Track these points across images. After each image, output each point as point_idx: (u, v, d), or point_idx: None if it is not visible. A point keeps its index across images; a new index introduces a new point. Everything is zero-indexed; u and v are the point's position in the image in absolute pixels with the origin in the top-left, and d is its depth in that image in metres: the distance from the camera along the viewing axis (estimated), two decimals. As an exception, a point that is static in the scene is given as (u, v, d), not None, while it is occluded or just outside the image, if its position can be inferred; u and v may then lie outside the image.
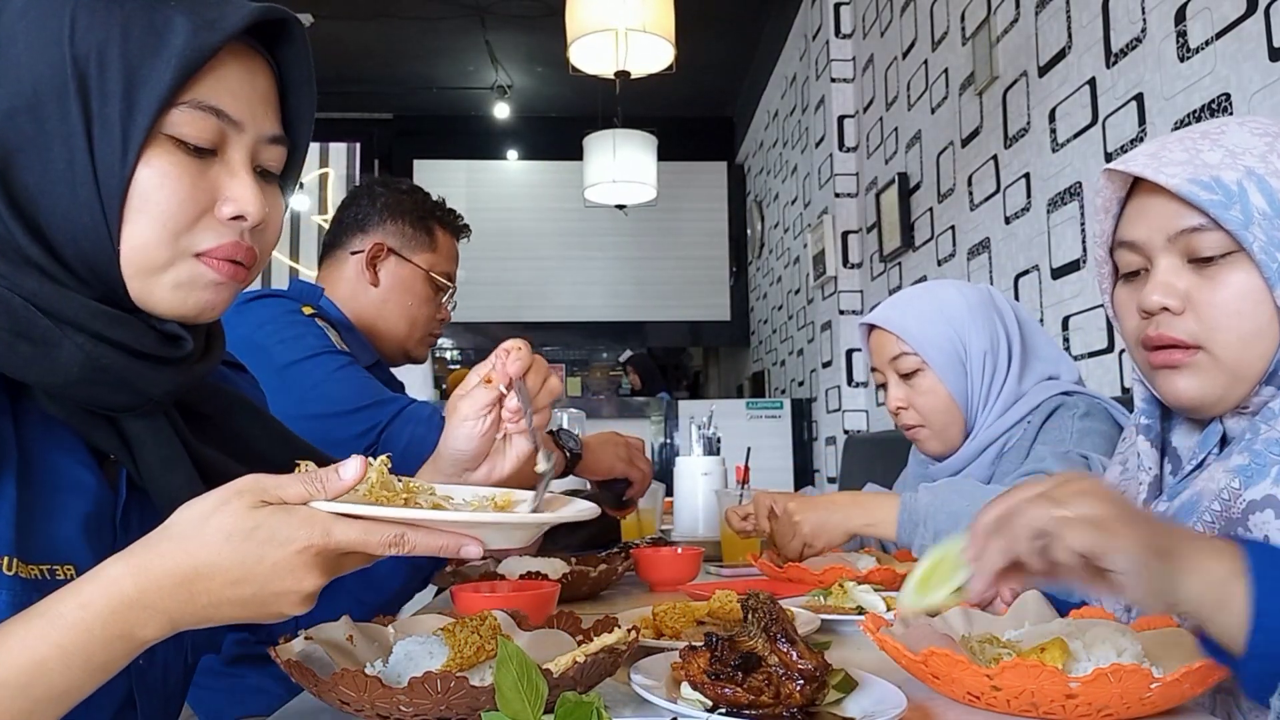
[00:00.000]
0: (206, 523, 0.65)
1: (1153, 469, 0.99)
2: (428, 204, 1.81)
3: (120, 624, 0.63)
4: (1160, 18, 2.12)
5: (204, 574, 0.64)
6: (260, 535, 0.64)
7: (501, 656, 0.67)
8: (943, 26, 3.47)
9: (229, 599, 0.65)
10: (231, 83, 0.74)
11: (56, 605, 0.63)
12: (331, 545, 0.66)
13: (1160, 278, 0.90)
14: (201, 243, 0.74)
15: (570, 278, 7.71)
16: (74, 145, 0.69)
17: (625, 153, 4.80)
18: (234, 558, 0.64)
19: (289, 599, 0.67)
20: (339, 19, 6.07)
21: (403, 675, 0.79)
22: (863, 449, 3.42)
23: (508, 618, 0.90)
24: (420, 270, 1.76)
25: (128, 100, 0.69)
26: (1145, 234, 0.91)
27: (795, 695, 0.74)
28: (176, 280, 0.74)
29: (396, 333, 1.76)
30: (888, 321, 1.53)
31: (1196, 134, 0.91)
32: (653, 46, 3.38)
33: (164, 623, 0.65)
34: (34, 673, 0.61)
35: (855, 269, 4.48)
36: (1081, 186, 2.48)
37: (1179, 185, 0.86)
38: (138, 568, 0.64)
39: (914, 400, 1.52)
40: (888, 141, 4.09)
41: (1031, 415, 1.49)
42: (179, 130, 0.71)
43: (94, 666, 0.63)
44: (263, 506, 0.65)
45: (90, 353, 0.70)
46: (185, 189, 0.72)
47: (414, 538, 0.68)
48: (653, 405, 5.60)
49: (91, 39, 0.69)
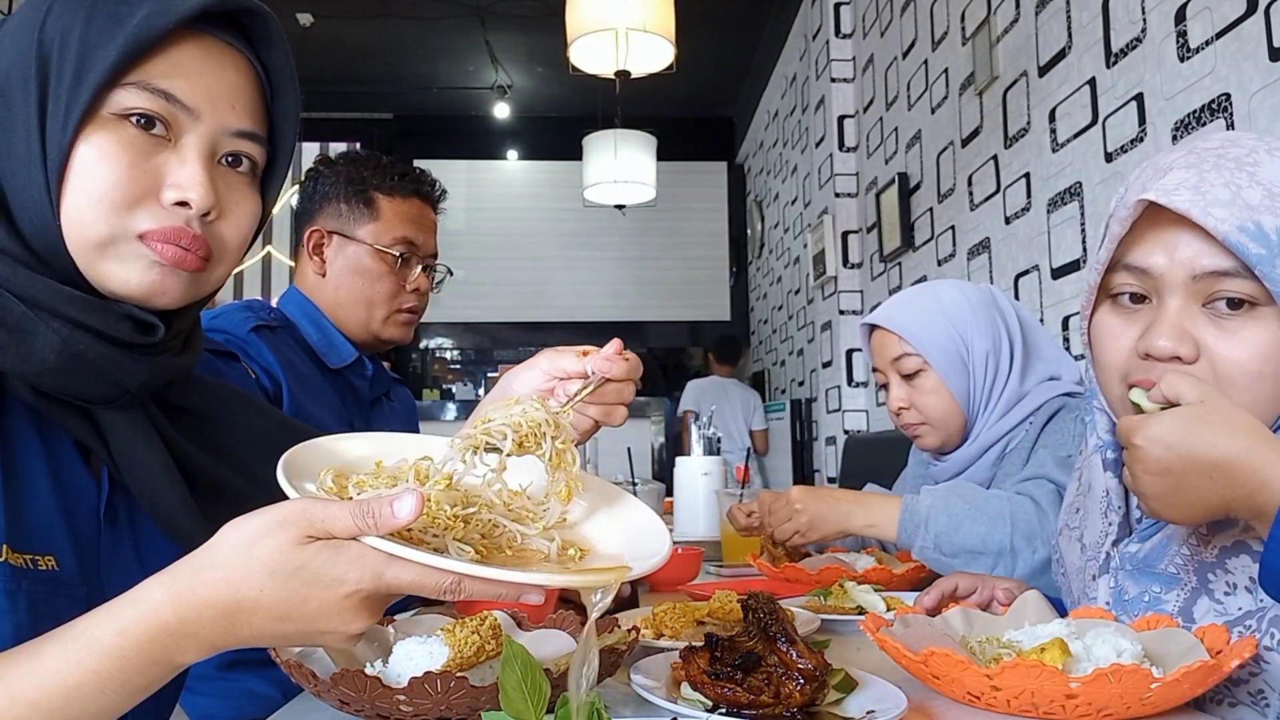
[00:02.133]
0: (250, 554, 0.61)
1: (1120, 507, 0.92)
2: (363, 172, 1.62)
3: (159, 651, 0.62)
4: (1160, 18, 2.12)
5: (246, 609, 0.61)
6: (305, 575, 0.61)
7: (506, 655, 0.67)
8: (943, 26, 3.47)
9: (271, 633, 0.63)
10: (188, 69, 0.74)
11: (92, 629, 0.61)
12: (382, 589, 0.62)
13: (1173, 319, 0.82)
14: (142, 223, 0.73)
15: (570, 278, 7.71)
16: (30, 126, 0.70)
17: (625, 153, 4.80)
18: (278, 595, 0.61)
19: (333, 638, 0.64)
20: (339, 18, 6.08)
21: (403, 675, 0.79)
22: (863, 449, 3.42)
23: (508, 618, 0.90)
24: (364, 245, 1.59)
25: (75, 80, 0.70)
26: (1165, 266, 0.83)
27: (795, 695, 0.74)
28: (119, 257, 0.73)
29: (357, 319, 1.61)
30: (889, 321, 1.52)
31: (1231, 163, 0.82)
32: (653, 46, 3.38)
33: (204, 649, 0.63)
34: (67, 698, 0.60)
35: (855, 269, 4.47)
36: (1081, 187, 2.48)
37: (1229, 234, 0.78)
38: (178, 596, 0.61)
39: (916, 400, 1.52)
40: (888, 141, 4.10)
41: (1033, 416, 1.48)
42: (123, 106, 0.71)
43: (130, 690, 0.62)
44: (309, 543, 0.61)
45: (66, 338, 0.70)
46: (123, 166, 0.72)
47: (471, 586, 0.62)
48: (653, 405, 5.60)
49: (58, 25, 0.71)
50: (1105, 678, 0.71)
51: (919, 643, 0.81)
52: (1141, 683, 0.71)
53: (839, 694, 0.78)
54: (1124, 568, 0.91)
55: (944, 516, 1.33)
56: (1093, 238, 2.44)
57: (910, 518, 1.35)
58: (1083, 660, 0.79)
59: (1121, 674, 0.71)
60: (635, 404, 6.07)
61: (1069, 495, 1.06)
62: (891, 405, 1.55)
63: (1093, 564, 0.95)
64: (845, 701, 0.78)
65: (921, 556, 1.36)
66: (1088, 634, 0.82)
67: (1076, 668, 0.78)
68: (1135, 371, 0.85)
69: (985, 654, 0.86)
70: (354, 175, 1.61)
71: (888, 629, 0.86)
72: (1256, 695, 0.79)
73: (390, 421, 1.72)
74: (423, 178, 1.67)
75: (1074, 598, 1.00)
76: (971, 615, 0.94)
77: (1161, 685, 0.71)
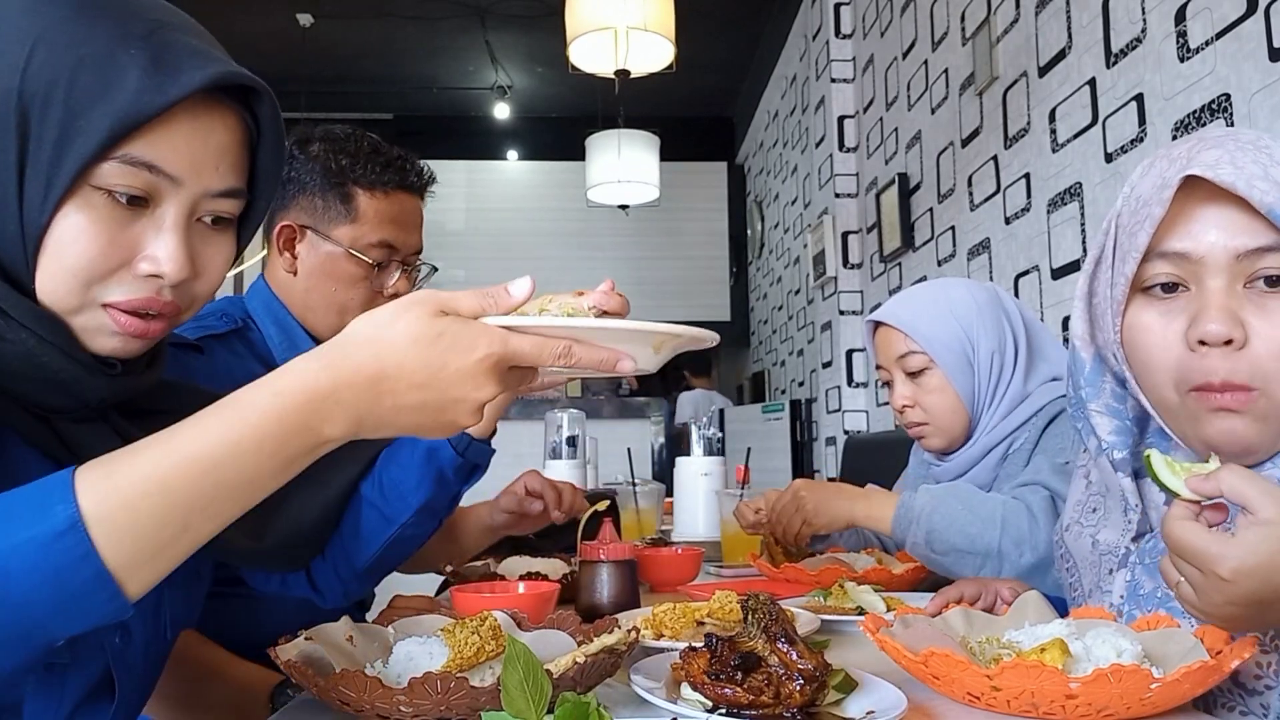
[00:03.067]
0: (391, 328, 0.66)
1: (1138, 505, 0.91)
2: (340, 163, 1.44)
3: (312, 414, 0.65)
4: (1160, 18, 2.12)
5: (391, 375, 0.66)
6: (444, 342, 0.66)
7: (509, 655, 0.67)
8: (943, 26, 3.47)
9: (411, 403, 0.67)
10: (177, 140, 0.72)
11: (250, 394, 0.65)
12: (509, 355, 0.68)
13: (1221, 301, 0.79)
14: (110, 294, 0.72)
15: (570, 278, 7.67)
16: (5, 181, 0.68)
17: (629, 152, 4.81)
18: (420, 360, 0.66)
19: (465, 406, 0.68)
20: (338, 19, 6.08)
21: (403, 675, 0.79)
22: (863, 449, 3.42)
23: (507, 618, 0.90)
24: (340, 248, 1.43)
25: (58, 148, 0.68)
26: (1206, 248, 0.80)
27: (795, 695, 0.74)
28: (84, 326, 0.73)
29: (328, 323, 1.46)
30: (896, 319, 1.52)
31: (1250, 146, 0.82)
32: (653, 45, 3.38)
33: (350, 420, 0.66)
34: (226, 452, 0.62)
35: (855, 269, 4.48)
36: (1081, 187, 2.48)
37: (1274, 206, 0.76)
38: (331, 363, 0.66)
39: (920, 399, 1.51)
40: (888, 142, 4.10)
41: (1035, 417, 1.48)
42: (107, 182, 0.70)
43: (280, 458, 0.65)
44: (442, 315, 0.67)
45: (32, 349, 0.70)
46: (102, 244, 0.71)
47: (579, 350, 0.70)
48: (653, 405, 5.61)
49: (42, 78, 0.68)
50: (1105, 678, 0.71)
51: (919, 643, 0.81)
52: (1142, 683, 0.71)
53: (839, 694, 0.78)
54: (1142, 562, 0.91)
55: (937, 515, 1.34)
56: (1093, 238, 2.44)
57: (905, 513, 1.37)
58: (1083, 660, 0.79)
59: (1121, 674, 0.71)
60: (635, 404, 6.08)
61: (1078, 494, 1.06)
62: (895, 403, 1.55)
63: (1109, 559, 0.96)
64: (845, 702, 0.78)
65: (913, 552, 1.39)
66: (1088, 634, 0.82)
67: (1076, 668, 0.78)
68: (1192, 371, 0.81)
69: (985, 654, 0.86)
70: (331, 165, 1.43)
71: (887, 629, 0.87)
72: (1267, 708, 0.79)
73: None
74: (408, 167, 1.50)
75: (1083, 591, 1.00)
76: (972, 615, 0.94)
77: (1162, 685, 0.71)
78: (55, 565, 0.58)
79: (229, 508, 0.64)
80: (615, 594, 1.23)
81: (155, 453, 0.62)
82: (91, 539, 0.58)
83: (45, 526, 0.58)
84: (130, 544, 0.60)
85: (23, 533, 0.57)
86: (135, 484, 0.60)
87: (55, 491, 0.59)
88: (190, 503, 0.62)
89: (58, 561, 0.58)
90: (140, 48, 0.70)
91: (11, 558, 0.57)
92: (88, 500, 0.59)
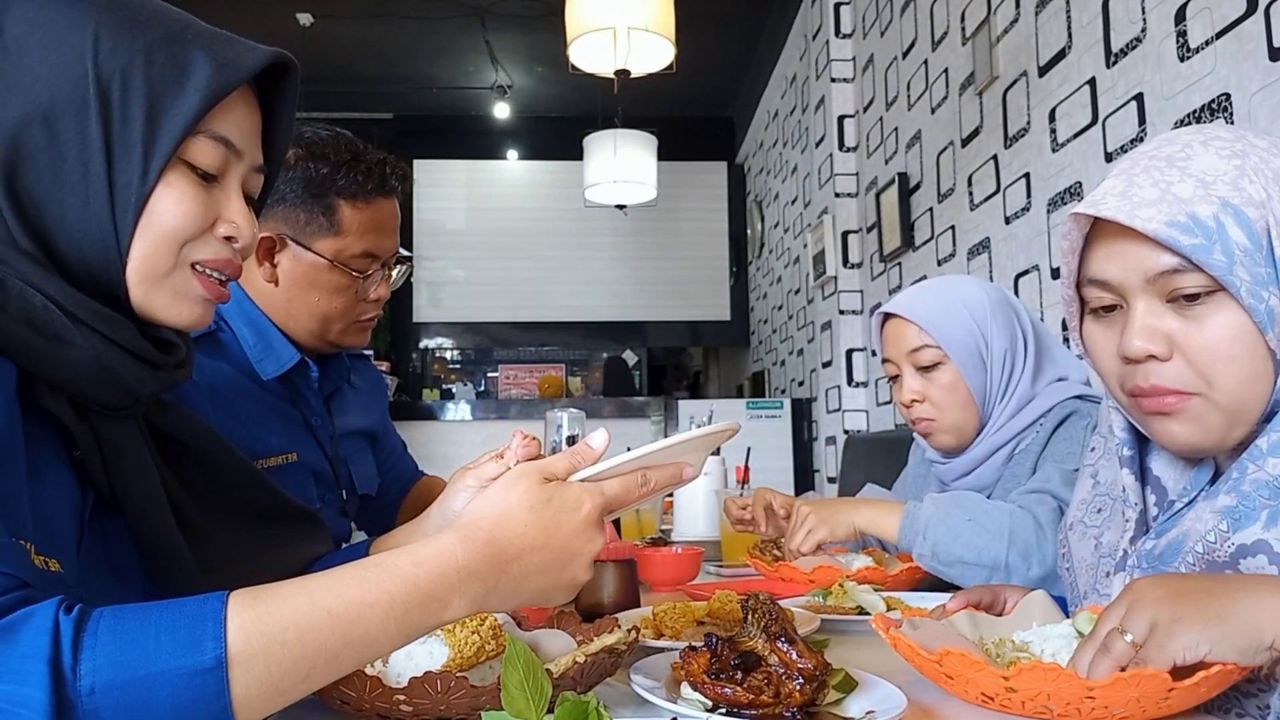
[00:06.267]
0: (507, 500, 0.74)
1: (1138, 504, 0.94)
2: (321, 173, 1.41)
3: (442, 587, 0.68)
4: (1160, 18, 2.12)
5: (515, 542, 0.72)
6: (554, 505, 0.75)
7: (509, 655, 0.67)
8: (943, 26, 3.47)
9: (534, 566, 0.73)
10: (238, 116, 0.81)
11: (392, 559, 0.68)
12: (608, 502, 0.78)
13: (1141, 321, 0.85)
14: (199, 253, 0.80)
15: (570, 278, 7.71)
16: (90, 159, 0.73)
17: (626, 152, 4.80)
18: (537, 525, 0.73)
19: (582, 560, 0.76)
20: (339, 18, 6.07)
21: (403, 675, 0.79)
22: (863, 449, 3.42)
23: (508, 618, 0.90)
24: (323, 260, 1.42)
25: (150, 125, 0.74)
26: (1120, 275, 0.86)
27: (795, 695, 0.74)
28: (175, 289, 0.79)
29: (310, 330, 1.46)
30: (911, 311, 1.49)
31: (1162, 161, 0.85)
32: (653, 45, 3.37)
33: (477, 595, 0.70)
34: (360, 612, 0.65)
35: (855, 269, 4.48)
36: (1081, 187, 2.48)
37: (1158, 230, 0.80)
38: (466, 538, 0.71)
39: (931, 394, 1.48)
40: (888, 141, 4.10)
41: (1043, 419, 1.46)
42: (194, 157, 0.78)
43: (405, 625, 0.67)
44: (546, 482, 0.76)
45: (100, 352, 0.74)
46: (197, 209, 0.78)
47: (653, 475, 0.81)
48: (653, 405, 5.61)
49: (116, 61, 0.73)
50: (1125, 682, 0.70)
51: (933, 643, 0.81)
52: (1160, 687, 0.70)
53: (839, 694, 0.78)
54: (1140, 565, 0.91)
55: (943, 526, 1.32)
56: (1093, 238, 2.43)
57: (911, 524, 1.36)
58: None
59: (1141, 678, 0.70)
60: (635, 404, 6.06)
61: (1084, 492, 1.06)
62: (904, 398, 1.51)
63: (1108, 561, 0.96)
64: (845, 701, 0.78)
65: (920, 562, 1.37)
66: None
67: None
68: (1126, 377, 0.88)
69: (1004, 656, 0.86)
70: (313, 175, 1.41)
71: (896, 629, 0.86)
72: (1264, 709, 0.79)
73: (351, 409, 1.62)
74: (388, 172, 1.48)
75: (1080, 593, 1.00)
76: (977, 618, 0.94)
77: (1179, 690, 0.70)
78: (191, 698, 0.59)
79: (348, 665, 0.66)
80: (615, 594, 1.23)
81: (299, 602, 0.64)
82: (229, 680, 0.60)
83: (193, 660, 0.59)
84: (257, 689, 0.61)
85: (173, 661, 0.59)
86: (277, 632, 0.62)
87: (208, 624, 0.60)
88: (318, 655, 0.64)
89: (194, 695, 0.59)
90: (192, 35, 0.78)
91: (157, 684, 0.58)
92: (235, 640, 0.60)
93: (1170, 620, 0.71)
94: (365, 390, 1.69)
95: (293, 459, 1.43)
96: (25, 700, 0.55)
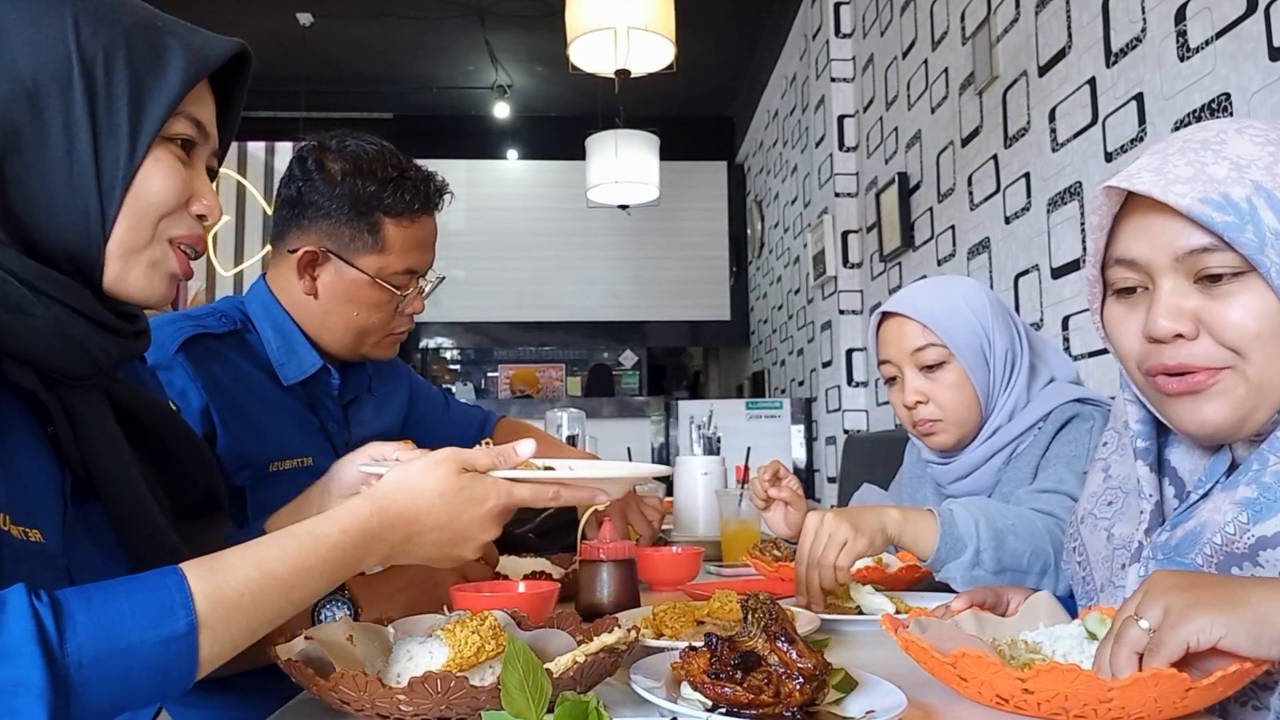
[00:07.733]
0: (424, 481, 0.85)
1: (1154, 495, 0.94)
2: (369, 190, 1.41)
3: (361, 549, 0.81)
4: (1160, 17, 2.12)
5: (421, 519, 0.85)
6: (463, 495, 0.87)
7: (509, 654, 0.67)
8: (943, 26, 3.47)
9: (431, 541, 0.86)
10: (205, 98, 0.85)
11: (319, 528, 0.79)
12: (512, 504, 0.90)
13: (1167, 300, 0.84)
14: (175, 229, 0.83)
15: (570, 278, 7.71)
16: (75, 137, 0.75)
17: (628, 152, 4.80)
18: (443, 509, 0.85)
19: (472, 544, 0.89)
20: (339, 18, 6.07)
21: (403, 675, 0.79)
22: (863, 449, 3.42)
23: (507, 618, 0.90)
24: (365, 276, 1.43)
25: (135, 103, 0.77)
26: (1148, 252, 0.86)
27: (795, 694, 0.74)
28: (151, 260, 0.82)
29: (344, 343, 1.48)
30: (914, 310, 1.46)
31: (1197, 143, 0.86)
32: (653, 45, 3.37)
33: (384, 555, 0.84)
34: (300, 576, 0.75)
35: (855, 269, 4.48)
36: (1081, 186, 2.48)
37: (1190, 206, 0.81)
38: (381, 508, 0.83)
39: (935, 393, 1.45)
40: (888, 141, 4.10)
41: (1043, 422, 1.44)
42: (175, 133, 0.81)
43: (331, 583, 0.79)
44: (463, 472, 0.87)
45: (62, 321, 0.75)
46: (177, 185, 0.82)
47: (565, 493, 0.92)
48: (653, 405, 5.61)
49: (98, 43, 0.76)
50: (1143, 682, 0.69)
51: (946, 644, 0.80)
52: (1178, 687, 0.70)
53: (839, 694, 0.78)
54: (1155, 557, 0.90)
55: (987, 534, 1.23)
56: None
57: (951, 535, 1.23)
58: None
59: (1159, 679, 0.69)
60: (635, 404, 6.06)
61: (1095, 485, 1.05)
62: (907, 399, 1.47)
63: (1122, 553, 0.95)
64: (845, 701, 0.78)
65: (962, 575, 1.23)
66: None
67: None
68: (1149, 357, 0.87)
69: (1018, 658, 0.86)
70: (359, 192, 1.41)
71: (905, 630, 0.86)
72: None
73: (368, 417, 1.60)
74: (433, 190, 1.50)
75: (1095, 586, 1.00)
76: (983, 618, 0.93)
77: (1196, 689, 0.70)
78: (166, 663, 0.66)
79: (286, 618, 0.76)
80: (615, 593, 1.23)
81: (250, 570, 0.72)
82: (198, 643, 0.68)
83: (169, 628, 0.66)
84: (219, 649, 0.70)
85: (150, 631, 0.66)
86: (234, 597, 0.70)
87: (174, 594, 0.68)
88: (268, 615, 0.73)
89: (169, 659, 0.66)
90: (162, 23, 0.81)
91: (137, 653, 0.65)
92: (202, 607, 0.68)
93: (1184, 605, 0.70)
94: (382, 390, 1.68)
95: (307, 463, 1.42)
96: (23, 681, 0.59)
